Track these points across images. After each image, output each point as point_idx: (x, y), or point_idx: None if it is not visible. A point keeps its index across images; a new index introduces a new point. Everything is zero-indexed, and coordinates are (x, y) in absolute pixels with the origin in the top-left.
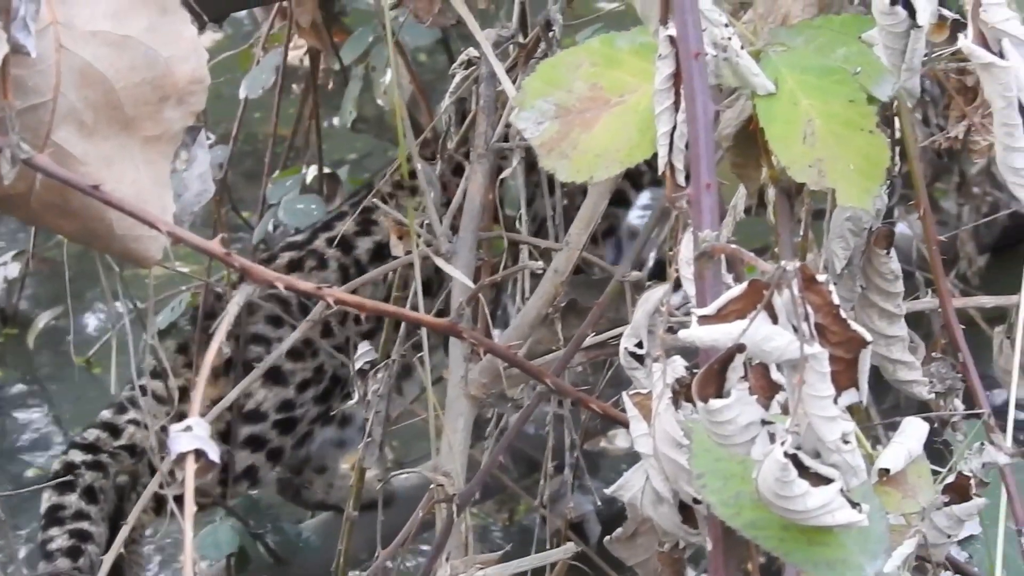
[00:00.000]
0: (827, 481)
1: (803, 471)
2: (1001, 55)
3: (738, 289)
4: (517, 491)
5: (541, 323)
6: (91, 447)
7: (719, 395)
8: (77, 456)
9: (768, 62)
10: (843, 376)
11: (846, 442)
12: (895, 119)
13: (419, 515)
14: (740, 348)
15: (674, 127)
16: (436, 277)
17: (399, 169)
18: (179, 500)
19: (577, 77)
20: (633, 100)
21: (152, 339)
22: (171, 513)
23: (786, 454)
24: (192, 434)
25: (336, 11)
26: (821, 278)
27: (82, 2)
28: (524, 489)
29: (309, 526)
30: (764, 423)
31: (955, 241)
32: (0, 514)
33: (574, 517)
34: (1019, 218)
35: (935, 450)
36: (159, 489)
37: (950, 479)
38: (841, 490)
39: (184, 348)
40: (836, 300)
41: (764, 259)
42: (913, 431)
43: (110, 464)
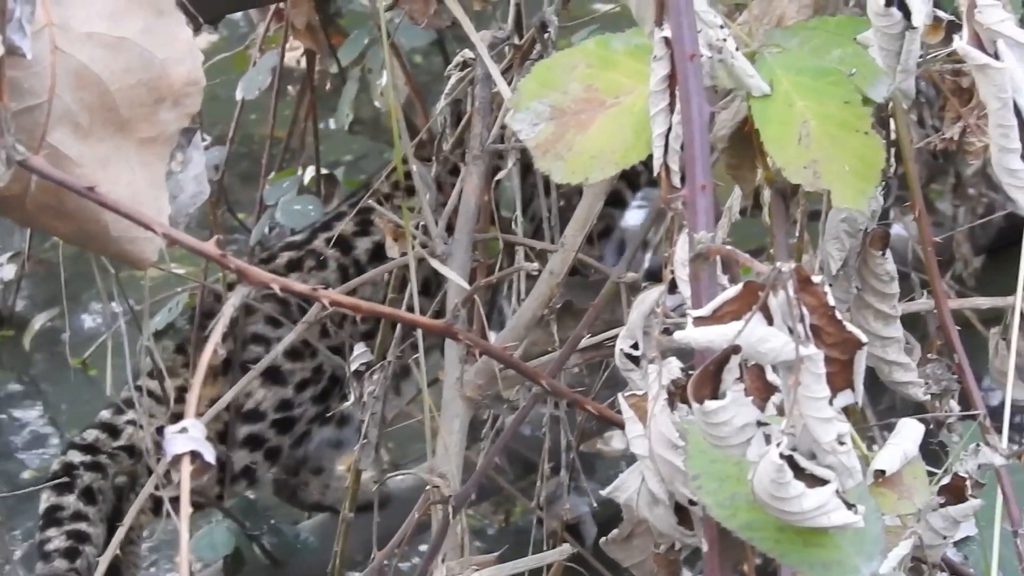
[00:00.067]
0: (823, 482)
1: (799, 472)
2: (996, 56)
3: (733, 290)
4: (513, 492)
5: (537, 324)
6: (90, 448)
7: (715, 396)
8: (76, 457)
9: (763, 63)
10: (839, 377)
11: (842, 443)
12: (890, 120)
13: (415, 516)
14: (736, 349)
15: (669, 128)
16: (435, 278)
17: (396, 171)
18: (176, 502)
19: (572, 79)
20: (628, 101)
21: (148, 341)
22: (168, 514)
23: (782, 455)
24: (188, 436)
25: (332, 13)
26: (816, 279)
27: (78, 4)
28: (520, 490)
29: (305, 527)
30: (760, 424)
31: (951, 242)
32: None
33: (570, 518)
34: (1015, 219)
35: (931, 451)
36: (155, 491)
37: (946, 480)
38: (837, 491)
39: (183, 348)
40: (831, 301)
41: (760, 260)
42: (909, 432)
43: (109, 465)
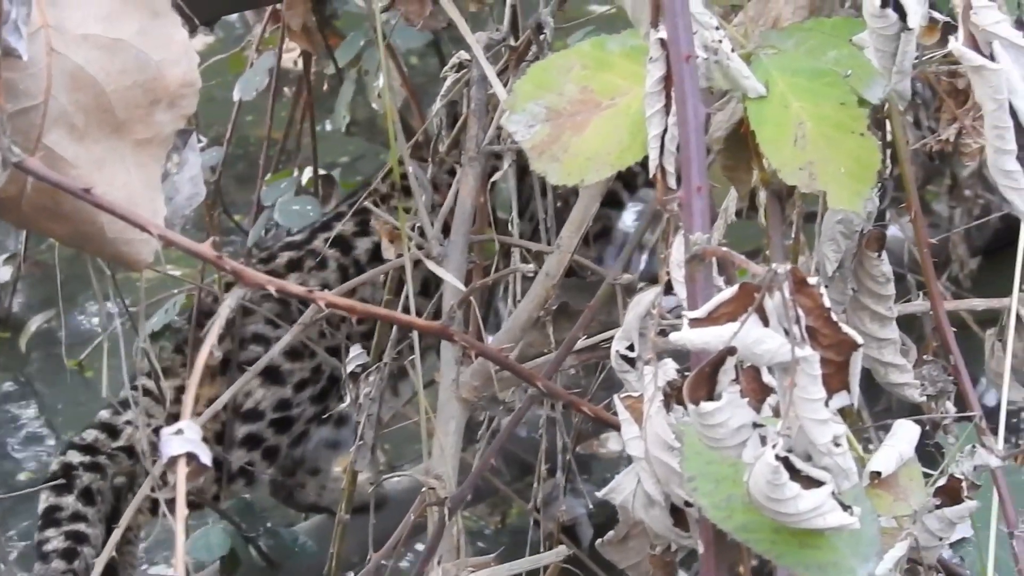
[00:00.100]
0: (818, 484)
1: (794, 474)
2: (992, 58)
3: (729, 292)
4: (509, 494)
5: (533, 326)
6: (89, 448)
7: (710, 398)
8: (75, 457)
9: (759, 65)
10: (834, 379)
11: (837, 445)
12: (886, 122)
13: (411, 518)
14: (731, 351)
15: (665, 130)
16: (433, 279)
17: (393, 172)
18: (173, 503)
19: (568, 80)
20: (624, 103)
21: (144, 342)
22: (163, 515)
23: (777, 457)
24: (184, 437)
25: (328, 14)
26: (812, 281)
27: (73, 5)
28: (516, 492)
29: (302, 529)
30: (755, 426)
31: (946, 244)
32: None
33: (566, 520)
34: (1011, 221)
35: (927, 453)
36: (152, 492)
37: (942, 482)
38: (832, 493)
39: (181, 348)
40: (827, 303)
41: (755, 262)
42: (904, 434)
43: (108, 465)
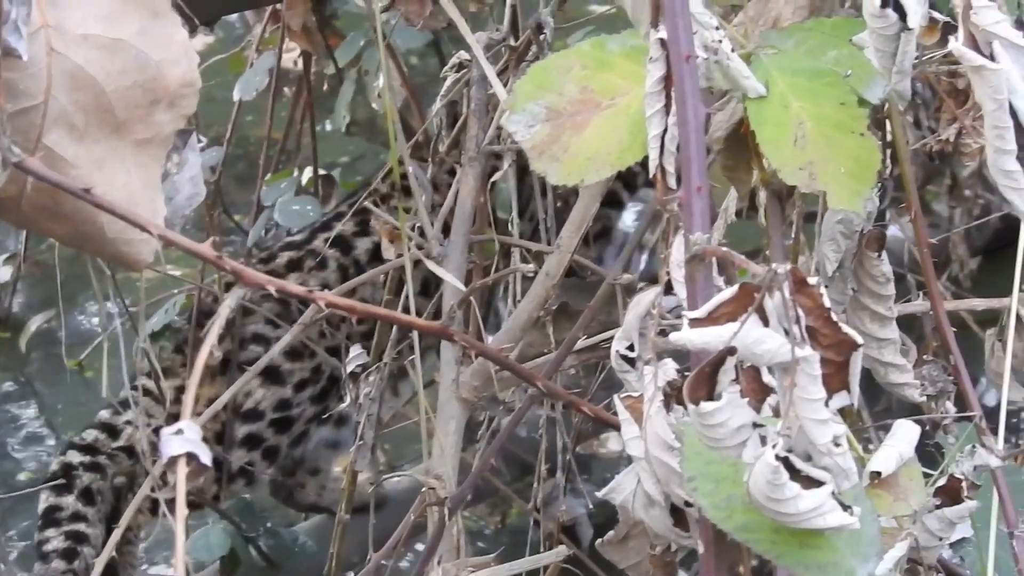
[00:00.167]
0: (818, 484)
1: (794, 474)
2: (992, 58)
3: (729, 292)
4: (509, 494)
5: (533, 326)
6: (89, 448)
7: (710, 398)
8: (75, 457)
9: (759, 65)
10: (834, 379)
11: (837, 445)
12: (886, 122)
13: (411, 518)
14: (731, 351)
15: (665, 130)
16: (434, 279)
17: (393, 172)
18: (172, 503)
19: (568, 80)
20: (624, 103)
21: (144, 342)
22: (163, 515)
23: (777, 457)
24: (184, 437)
25: (328, 14)
26: (812, 281)
27: (73, 5)
28: (516, 492)
29: (302, 529)
30: (755, 426)
31: (947, 244)
32: None
33: (566, 520)
34: (1010, 221)
35: (927, 453)
36: (151, 492)
37: (942, 482)
38: (832, 493)
39: (181, 348)
40: (827, 303)
41: (755, 262)
42: (904, 434)
43: (108, 465)
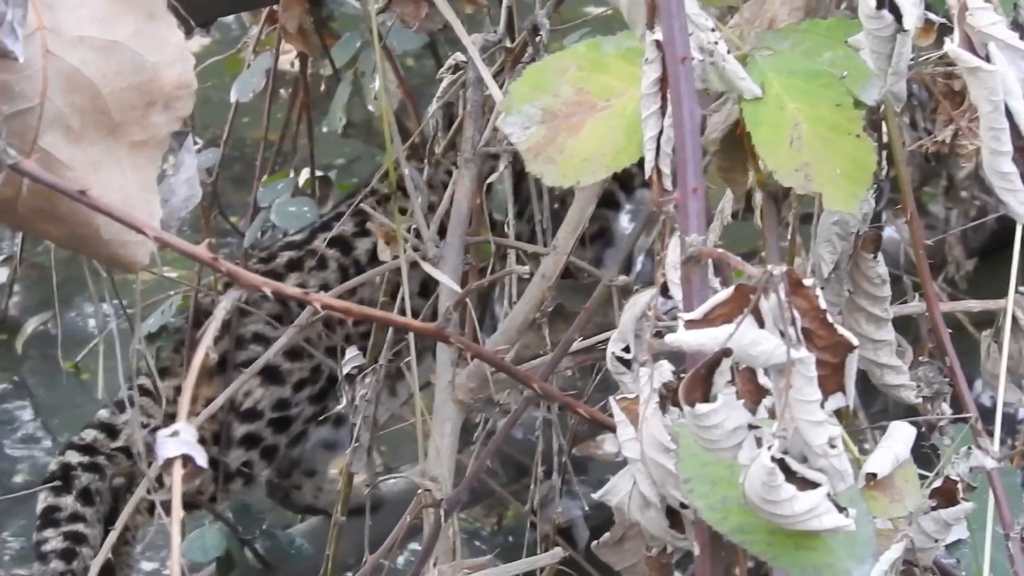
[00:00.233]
0: (814, 485)
1: (790, 475)
2: (987, 59)
3: (725, 293)
4: (505, 496)
5: (529, 328)
6: (88, 448)
7: (706, 399)
8: (74, 457)
9: (755, 66)
10: (830, 380)
11: (833, 446)
12: (882, 123)
13: (407, 520)
14: (727, 352)
15: (661, 131)
16: (433, 279)
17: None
18: (169, 504)
19: (564, 82)
20: (620, 104)
21: (140, 344)
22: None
23: (773, 458)
24: (179, 439)
25: (324, 16)
26: (808, 282)
27: (69, 7)
28: (512, 494)
29: (298, 531)
30: (751, 427)
31: (943, 245)
32: None
33: (562, 522)
34: (1007, 222)
35: (922, 454)
36: (147, 494)
37: (937, 483)
38: (828, 494)
39: (180, 348)
40: (823, 304)
41: (751, 263)
42: (900, 435)
43: (107, 466)
